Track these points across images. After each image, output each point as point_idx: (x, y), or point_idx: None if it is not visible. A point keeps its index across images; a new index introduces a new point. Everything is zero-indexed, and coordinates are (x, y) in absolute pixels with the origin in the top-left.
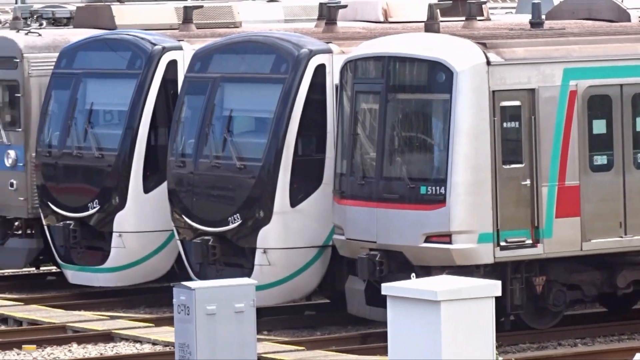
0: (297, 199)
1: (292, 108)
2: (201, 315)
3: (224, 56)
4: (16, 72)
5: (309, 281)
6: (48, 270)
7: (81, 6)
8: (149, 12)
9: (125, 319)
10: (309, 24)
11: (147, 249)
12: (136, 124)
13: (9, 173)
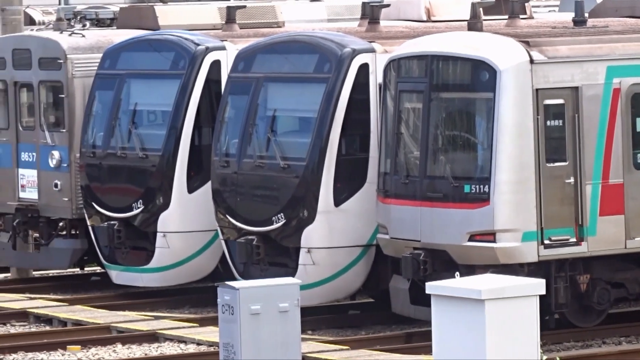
0: (340, 198)
1: (335, 107)
2: (245, 315)
3: (267, 56)
4: (60, 73)
5: (353, 280)
6: (92, 271)
7: (124, 7)
8: (192, 13)
9: (169, 319)
10: (352, 23)
11: (192, 249)
12: (180, 124)
13: (54, 174)
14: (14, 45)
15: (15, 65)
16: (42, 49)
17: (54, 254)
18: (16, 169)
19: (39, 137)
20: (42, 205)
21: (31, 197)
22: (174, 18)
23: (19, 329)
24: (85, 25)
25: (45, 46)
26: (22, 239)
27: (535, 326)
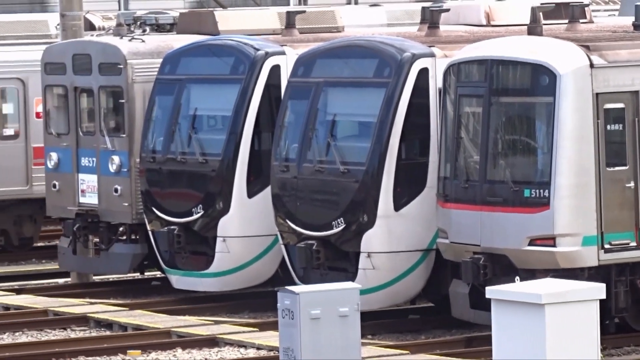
0: (400, 202)
1: (395, 112)
2: (305, 319)
3: (327, 61)
4: (120, 78)
5: (413, 285)
6: (152, 276)
7: (184, 12)
8: (252, 18)
9: (229, 323)
10: (411, 28)
11: (251, 254)
12: (240, 129)
13: (114, 179)
14: (74, 51)
15: (76, 70)
16: (102, 54)
17: (114, 258)
18: (76, 174)
19: (99, 142)
20: (102, 210)
21: (91, 202)
22: (234, 23)
23: (79, 333)
24: (145, 30)
25: (106, 51)
26: (82, 244)
27: (595, 330)
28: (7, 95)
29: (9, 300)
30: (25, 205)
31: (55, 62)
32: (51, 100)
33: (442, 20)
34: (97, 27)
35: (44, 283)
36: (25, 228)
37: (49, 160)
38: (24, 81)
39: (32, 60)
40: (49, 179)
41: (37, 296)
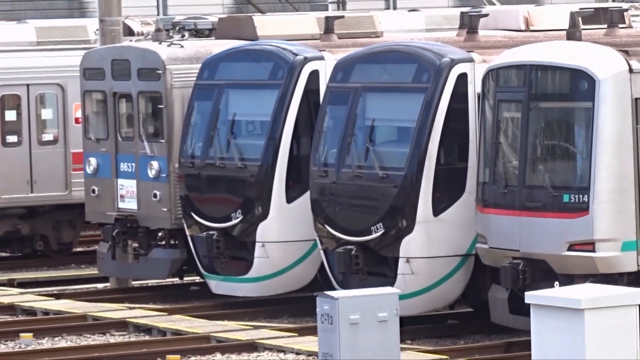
0: (439, 207)
1: (434, 117)
2: (344, 324)
3: (366, 66)
4: (159, 83)
5: (451, 290)
6: (191, 281)
7: (223, 17)
8: (291, 23)
9: (268, 328)
10: (450, 33)
11: (290, 259)
12: (278, 134)
13: (153, 184)
14: (113, 56)
15: (114, 75)
16: (141, 60)
17: (153, 264)
18: (115, 179)
19: (138, 147)
20: (141, 215)
21: (130, 207)
22: (273, 28)
23: (119, 338)
24: (184, 35)
25: (144, 57)
26: (121, 249)
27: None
28: (46, 100)
29: (48, 306)
30: (64, 211)
31: (94, 68)
32: (90, 105)
33: (481, 26)
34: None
35: (83, 288)
36: (64, 233)
37: (88, 166)
38: (63, 87)
39: (71, 66)
40: (88, 184)
41: (76, 301)
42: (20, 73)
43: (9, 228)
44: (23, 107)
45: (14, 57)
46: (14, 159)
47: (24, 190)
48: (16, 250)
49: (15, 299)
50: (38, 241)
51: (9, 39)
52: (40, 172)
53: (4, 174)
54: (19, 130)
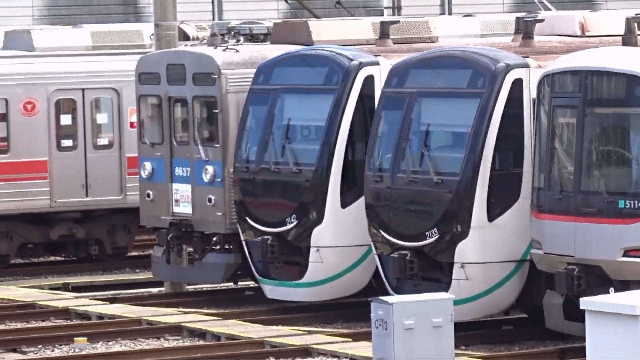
0: (494, 213)
1: (489, 122)
2: (399, 329)
3: (421, 71)
4: (214, 88)
5: (506, 296)
6: (246, 285)
7: (278, 22)
8: (346, 28)
9: (322, 333)
10: (505, 38)
11: (345, 264)
12: (333, 139)
13: (207, 189)
14: (168, 61)
15: (170, 80)
16: (196, 64)
17: (207, 268)
18: (170, 183)
19: (193, 152)
20: (195, 219)
21: (185, 211)
22: (328, 33)
23: (173, 343)
24: (239, 40)
25: (200, 61)
26: (176, 253)
27: None
28: (102, 105)
29: (103, 310)
30: (119, 215)
31: (149, 72)
32: (145, 110)
33: (537, 31)
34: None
35: (138, 292)
36: (119, 237)
37: (143, 170)
38: (118, 91)
39: (126, 70)
40: (143, 188)
41: (131, 305)
42: (75, 77)
43: (64, 232)
44: (78, 112)
45: (70, 61)
46: (69, 163)
47: (79, 194)
48: (71, 254)
49: (69, 303)
50: (93, 245)
51: (65, 44)
52: (96, 176)
53: (60, 178)
54: (74, 135)
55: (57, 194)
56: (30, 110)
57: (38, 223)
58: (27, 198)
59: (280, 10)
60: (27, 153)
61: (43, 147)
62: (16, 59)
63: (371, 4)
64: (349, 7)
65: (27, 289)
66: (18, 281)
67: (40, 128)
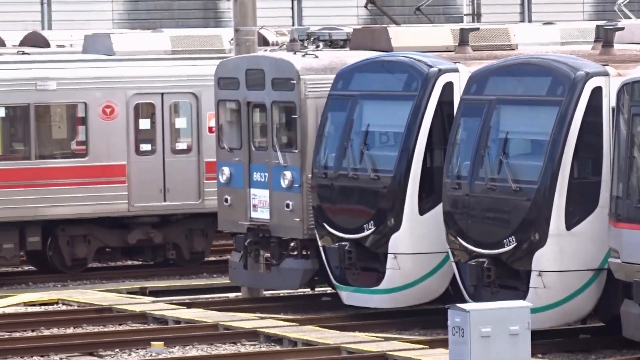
0: (572, 221)
1: (568, 130)
2: (476, 337)
3: (500, 78)
4: (293, 93)
5: (584, 304)
6: (323, 291)
7: (358, 28)
8: (425, 35)
9: (399, 340)
10: (585, 46)
11: (422, 271)
12: (412, 146)
13: (285, 194)
14: (248, 66)
15: (249, 85)
16: (276, 70)
17: (284, 274)
18: (248, 188)
19: (271, 157)
20: (273, 225)
21: (263, 217)
22: (407, 40)
23: (249, 348)
24: (319, 46)
25: (279, 67)
26: (253, 258)
27: None
28: (180, 109)
29: (180, 314)
30: (197, 220)
31: (228, 77)
32: (224, 114)
33: (617, 39)
34: (270, 43)
35: (215, 297)
36: (196, 242)
37: (221, 175)
38: (197, 95)
39: (205, 75)
40: (221, 193)
41: (208, 310)
42: (154, 81)
43: (142, 236)
44: (157, 116)
45: (149, 65)
46: (147, 168)
47: (157, 199)
48: (148, 259)
49: (147, 307)
50: (170, 250)
51: (145, 48)
52: (174, 180)
53: (138, 182)
54: (152, 139)
55: (135, 198)
56: (109, 114)
57: (116, 227)
58: (105, 202)
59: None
60: (106, 157)
61: (121, 151)
62: (96, 63)
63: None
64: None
65: (105, 293)
66: (96, 285)
67: (119, 132)
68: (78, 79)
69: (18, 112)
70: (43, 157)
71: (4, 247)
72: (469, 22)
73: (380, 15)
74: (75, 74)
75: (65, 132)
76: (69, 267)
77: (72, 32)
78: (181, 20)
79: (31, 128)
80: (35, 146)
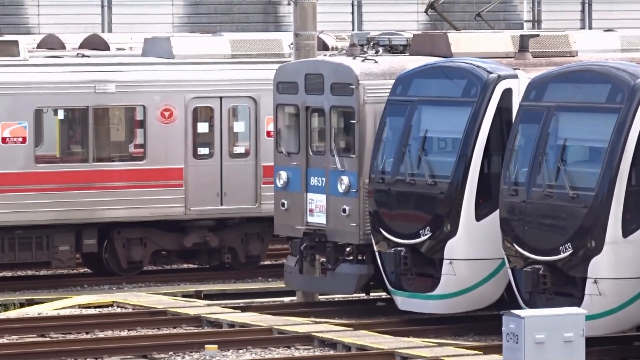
0: (629, 229)
1: (626, 138)
2: (530, 343)
3: (559, 85)
4: (352, 98)
5: (638, 312)
6: (378, 296)
7: (418, 34)
8: (485, 40)
9: (453, 346)
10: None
11: (478, 277)
12: (470, 152)
13: (342, 199)
14: (307, 70)
15: (308, 90)
16: (335, 75)
17: (340, 278)
18: (305, 193)
19: (329, 162)
20: (329, 229)
21: (319, 221)
22: (467, 45)
23: (303, 352)
24: (378, 51)
25: (338, 71)
26: (309, 263)
27: None
28: (239, 113)
29: (235, 318)
30: (253, 224)
31: (287, 81)
32: (282, 119)
33: None
34: (330, 47)
35: (270, 301)
36: (252, 246)
37: (278, 179)
38: (255, 99)
39: (264, 79)
40: (277, 197)
41: (262, 314)
42: (213, 85)
43: (198, 240)
44: (215, 119)
45: (208, 69)
46: (205, 171)
47: (214, 203)
48: (204, 262)
49: (201, 310)
50: (226, 253)
51: (204, 51)
52: (231, 184)
53: (195, 186)
54: (210, 143)
55: (192, 201)
56: (168, 117)
57: (172, 230)
58: (162, 205)
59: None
60: (164, 160)
61: (179, 155)
62: (155, 66)
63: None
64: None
65: (160, 296)
66: (151, 288)
67: (177, 135)
68: (137, 82)
69: (77, 115)
70: (101, 159)
71: (60, 250)
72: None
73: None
74: (134, 77)
75: (123, 135)
76: (124, 270)
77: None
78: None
79: (89, 131)
80: (93, 149)
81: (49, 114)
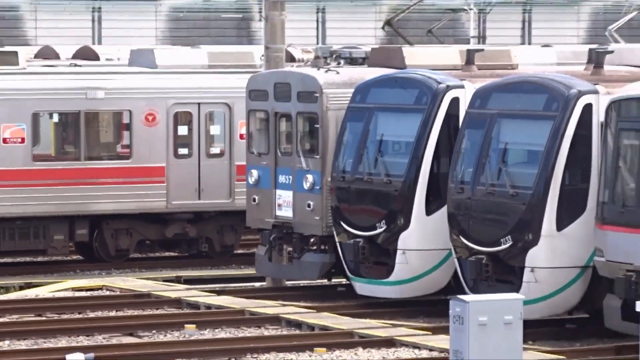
0: (562, 223)
1: (560, 143)
2: (474, 325)
3: (501, 94)
4: (316, 105)
5: (571, 297)
6: (338, 282)
7: (375, 47)
8: (436, 54)
9: (405, 327)
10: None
11: (428, 265)
12: (421, 154)
13: (307, 195)
14: (276, 80)
15: (277, 97)
16: (301, 84)
17: (305, 266)
18: (274, 190)
19: (295, 162)
20: (296, 222)
21: (286, 215)
22: (420, 58)
23: (272, 332)
24: (340, 63)
25: (304, 81)
26: (277, 252)
27: None
28: (215, 118)
29: (211, 300)
30: (227, 217)
31: (258, 90)
32: (254, 123)
33: (607, 61)
34: (297, 59)
35: (242, 286)
36: (227, 237)
37: (250, 177)
38: (230, 105)
39: (238, 87)
40: (249, 193)
41: (236, 297)
42: (192, 92)
43: (178, 231)
44: (194, 123)
45: (188, 78)
46: (184, 169)
47: (193, 197)
48: (184, 251)
49: (181, 294)
50: (203, 243)
51: (184, 62)
52: (208, 181)
53: (176, 182)
54: (189, 144)
55: (172, 196)
56: (151, 121)
57: (155, 222)
58: (146, 199)
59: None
60: (147, 159)
61: (161, 154)
62: (140, 75)
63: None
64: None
65: (144, 281)
66: (136, 273)
67: (160, 137)
68: (124, 89)
69: (70, 118)
70: (91, 158)
71: (55, 239)
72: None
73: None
74: (121, 84)
75: (111, 137)
76: (112, 257)
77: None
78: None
79: (81, 132)
80: (85, 149)
81: (45, 117)
